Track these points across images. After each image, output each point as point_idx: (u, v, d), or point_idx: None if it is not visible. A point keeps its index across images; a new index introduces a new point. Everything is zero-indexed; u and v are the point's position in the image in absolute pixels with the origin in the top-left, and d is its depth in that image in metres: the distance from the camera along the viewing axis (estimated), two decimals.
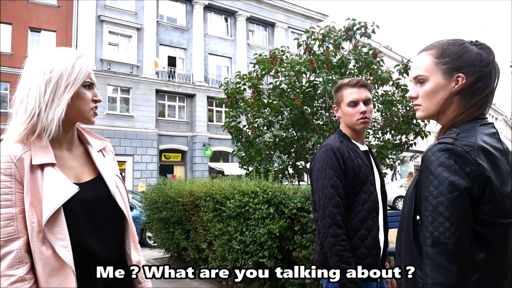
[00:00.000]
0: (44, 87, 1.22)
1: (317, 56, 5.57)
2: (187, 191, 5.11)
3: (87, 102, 1.29)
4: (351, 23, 5.64)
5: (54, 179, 1.21)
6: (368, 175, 1.85)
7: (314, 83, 5.47)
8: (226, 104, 6.39)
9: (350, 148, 1.88)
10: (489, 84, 1.12)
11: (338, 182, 1.79)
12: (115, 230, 1.34)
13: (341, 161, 1.82)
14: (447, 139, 1.05)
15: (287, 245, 3.87)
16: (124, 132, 19.46)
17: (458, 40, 1.16)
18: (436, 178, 1.01)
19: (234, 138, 6.25)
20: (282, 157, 5.54)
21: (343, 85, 1.96)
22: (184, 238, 5.28)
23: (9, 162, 1.16)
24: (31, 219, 1.16)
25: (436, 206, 1.00)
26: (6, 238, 1.14)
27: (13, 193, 1.16)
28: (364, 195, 1.82)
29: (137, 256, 1.40)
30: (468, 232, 0.98)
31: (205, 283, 4.93)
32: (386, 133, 5.98)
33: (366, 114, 1.90)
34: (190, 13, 22.64)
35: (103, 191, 1.31)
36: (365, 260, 1.77)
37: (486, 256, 1.00)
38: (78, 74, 1.26)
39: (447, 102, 1.14)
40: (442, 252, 0.97)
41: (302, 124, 5.52)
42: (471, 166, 0.99)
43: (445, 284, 0.96)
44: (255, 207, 3.97)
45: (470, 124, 1.10)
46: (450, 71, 1.13)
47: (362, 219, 1.80)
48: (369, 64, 5.52)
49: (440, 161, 1.01)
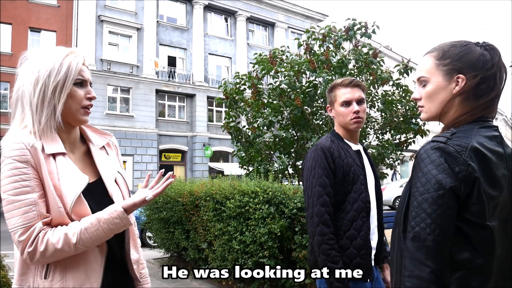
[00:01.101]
0: (33, 87, 1.21)
1: (317, 56, 5.57)
2: (187, 191, 5.11)
3: (77, 101, 1.27)
4: (351, 23, 5.64)
5: (67, 167, 1.22)
6: (358, 175, 1.84)
7: (314, 83, 5.47)
8: (225, 105, 6.39)
9: (341, 147, 1.88)
10: (493, 87, 1.11)
11: (326, 181, 1.79)
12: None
13: (330, 160, 1.82)
14: (440, 138, 1.06)
15: (286, 245, 3.87)
16: (124, 132, 19.47)
17: (462, 41, 1.16)
18: (425, 176, 1.03)
19: (233, 138, 6.25)
20: (282, 157, 5.54)
21: (336, 85, 1.96)
22: (184, 238, 5.28)
23: (23, 149, 1.16)
24: (58, 204, 1.17)
25: (420, 202, 1.02)
26: (29, 223, 1.13)
27: (30, 179, 1.15)
28: (354, 194, 1.82)
29: (136, 254, 1.39)
30: (450, 230, 1.01)
31: (205, 283, 4.93)
32: (386, 133, 5.99)
33: (360, 114, 1.90)
34: (190, 13, 22.64)
35: (103, 194, 1.31)
36: (354, 260, 1.76)
37: (470, 256, 1.01)
38: (67, 73, 1.23)
39: (448, 103, 1.14)
40: (420, 247, 1.00)
41: (302, 124, 5.52)
42: (460, 166, 1.01)
43: (420, 277, 0.99)
44: (255, 207, 3.97)
45: (470, 125, 1.10)
46: (450, 72, 1.13)
47: (351, 218, 1.79)
48: (369, 64, 5.53)
49: (431, 159, 1.04)
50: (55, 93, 1.22)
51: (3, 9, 16.97)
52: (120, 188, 1.36)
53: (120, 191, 1.36)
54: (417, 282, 0.99)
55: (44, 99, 1.21)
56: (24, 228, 1.12)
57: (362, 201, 1.81)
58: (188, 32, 22.43)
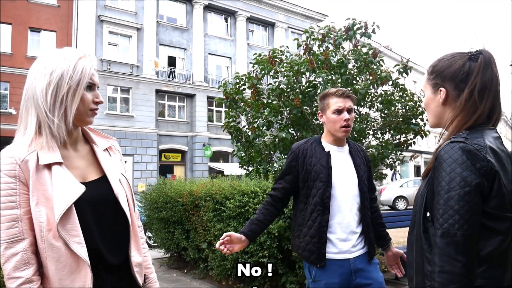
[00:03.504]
0: (45, 90, 1.20)
1: (317, 56, 5.57)
2: (187, 191, 5.11)
3: (86, 104, 1.26)
4: (351, 23, 5.64)
5: (62, 177, 1.20)
6: (319, 173, 2.05)
7: (314, 83, 5.47)
8: (225, 105, 6.39)
9: (312, 149, 2.13)
10: (484, 93, 1.17)
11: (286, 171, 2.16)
12: (119, 231, 1.32)
13: (295, 158, 2.13)
14: (458, 138, 1.12)
15: (286, 245, 3.87)
16: (124, 132, 19.47)
17: (452, 54, 1.27)
18: (449, 174, 1.08)
19: (233, 138, 6.25)
20: (282, 158, 5.54)
21: (329, 93, 2.15)
22: (184, 238, 5.29)
23: (13, 163, 1.15)
24: (39, 219, 1.15)
25: (447, 200, 1.07)
26: (11, 239, 1.13)
27: (17, 195, 1.15)
28: (314, 190, 2.05)
29: (139, 257, 1.36)
30: (477, 225, 1.05)
31: (205, 283, 4.93)
32: (386, 133, 5.99)
33: (349, 122, 2.09)
34: (190, 13, 22.64)
35: (107, 191, 1.29)
36: (308, 246, 2.03)
37: (492, 249, 1.06)
38: (80, 76, 1.22)
39: (440, 112, 1.27)
40: (450, 242, 1.04)
41: (302, 124, 5.52)
42: (481, 162, 1.06)
43: (452, 272, 1.02)
44: (255, 207, 3.97)
45: (477, 128, 1.17)
46: (435, 86, 1.26)
47: (310, 211, 2.05)
48: (368, 64, 5.53)
49: (453, 158, 1.09)
50: (68, 96, 1.21)
51: (3, 9, 16.97)
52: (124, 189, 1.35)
53: (125, 192, 1.34)
54: (449, 277, 1.02)
55: (55, 102, 1.20)
56: (5, 243, 1.13)
57: (319, 197, 2.03)
58: (188, 32, 22.44)
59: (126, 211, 1.31)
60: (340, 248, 2.01)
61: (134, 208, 1.42)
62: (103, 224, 1.26)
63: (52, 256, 1.15)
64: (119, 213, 1.30)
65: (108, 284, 1.25)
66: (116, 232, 1.31)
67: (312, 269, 2.03)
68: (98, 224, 1.24)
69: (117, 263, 1.29)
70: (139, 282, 1.36)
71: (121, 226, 1.32)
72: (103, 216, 1.26)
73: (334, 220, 2.03)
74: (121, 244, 1.32)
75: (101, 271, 1.25)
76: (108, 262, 1.26)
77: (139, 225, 1.46)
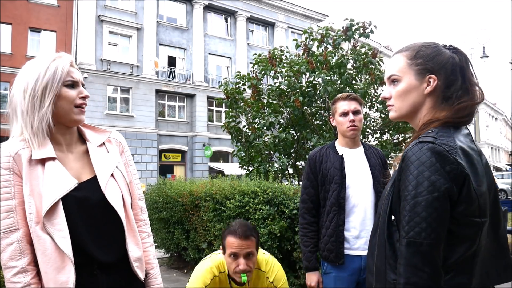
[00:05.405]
0: (23, 94, 1.25)
1: (316, 57, 5.57)
2: (187, 191, 5.12)
3: (69, 101, 1.29)
4: (349, 24, 5.64)
5: (54, 172, 1.22)
6: (333, 175, 2.18)
7: (313, 83, 5.48)
8: (226, 104, 6.39)
9: (327, 154, 2.28)
10: (465, 91, 1.11)
11: (307, 183, 2.28)
12: (111, 230, 1.31)
13: (313, 165, 2.27)
14: (427, 138, 1.04)
15: (286, 245, 3.87)
16: (124, 132, 19.45)
17: (432, 43, 1.18)
18: (416, 178, 1.00)
19: (233, 138, 6.26)
20: (282, 158, 5.54)
21: (337, 99, 2.32)
22: (184, 238, 5.29)
23: (7, 156, 1.20)
24: (29, 210, 1.18)
25: (413, 206, 0.99)
26: (6, 229, 1.16)
27: (12, 186, 1.19)
28: (330, 192, 2.18)
29: (138, 251, 1.35)
30: (444, 233, 0.98)
31: None
32: (385, 133, 5.99)
33: (355, 123, 2.22)
34: (190, 13, 22.65)
35: (97, 192, 1.29)
36: (326, 245, 2.16)
37: (458, 256, 1.01)
38: (53, 76, 1.26)
39: (419, 103, 1.15)
40: (416, 252, 0.97)
41: (302, 124, 5.52)
42: (451, 165, 0.99)
43: (418, 284, 0.96)
44: (255, 207, 3.97)
45: (448, 124, 1.10)
46: (422, 72, 1.13)
47: (327, 212, 2.18)
48: (367, 64, 5.53)
49: (421, 160, 1.01)
50: (44, 96, 1.25)
51: (3, 9, 16.98)
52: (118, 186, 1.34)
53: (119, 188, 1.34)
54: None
55: (34, 104, 1.24)
56: (1, 233, 1.16)
57: (334, 198, 2.15)
58: (188, 32, 22.44)
59: (117, 210, 1.31)
60: (353, 245, 2.13)
61: (133, 202, 1.42)
62: (92, 223, 1.27)
63: (39, 249, 1.18)
64: (110, 213, 1.30)
65: (103, 284, 1.26)
66: (108, 231, 1.30)
67: (324, 262, 2.19)
68: (86, 223, 1.25)
69: (111, 262, 1.29)
70: (140, 277, 1.35)
71: (114, 224, 1.32)
72: (92, 216, 1.27)
73: (349, 218, 2.15)
74: (114, 242, 1.31)
75: (96, 270, 1.26)
76: (99, 261, 1.26)
77: (142, 219, 1.46)
